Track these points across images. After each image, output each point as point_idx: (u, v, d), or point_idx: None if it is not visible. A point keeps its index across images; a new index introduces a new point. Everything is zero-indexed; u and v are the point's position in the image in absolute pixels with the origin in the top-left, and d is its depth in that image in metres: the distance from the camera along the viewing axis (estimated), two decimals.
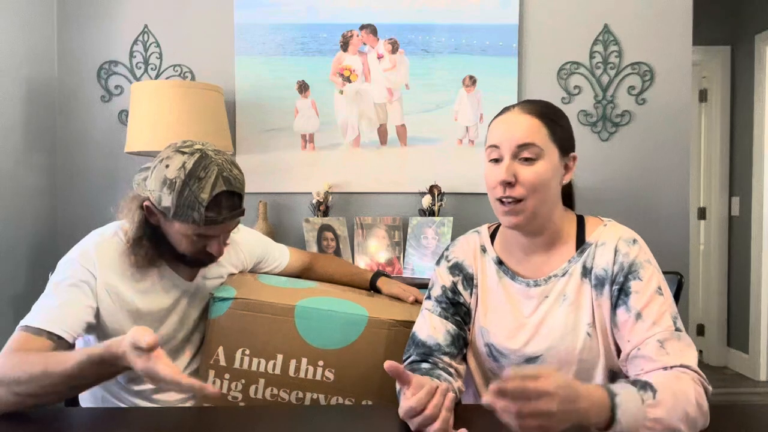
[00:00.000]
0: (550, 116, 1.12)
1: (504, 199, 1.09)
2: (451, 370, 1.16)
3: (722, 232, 4.06)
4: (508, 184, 1.08)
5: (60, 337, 1.14)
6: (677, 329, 1.03)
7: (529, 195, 1.08)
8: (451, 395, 0.95)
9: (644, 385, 0.92)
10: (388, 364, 0.92)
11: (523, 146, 1.08)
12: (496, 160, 1.11)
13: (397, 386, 1.11)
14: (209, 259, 1.30)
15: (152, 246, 1.26)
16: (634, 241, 1.12)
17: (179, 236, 1.23)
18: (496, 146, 1.10)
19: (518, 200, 1.08)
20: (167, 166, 1.20)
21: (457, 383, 1.15)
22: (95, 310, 1.23)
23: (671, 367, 0.99)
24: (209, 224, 1.20)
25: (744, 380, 3.79)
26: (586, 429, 0.87)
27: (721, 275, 4.07)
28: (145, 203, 1.24)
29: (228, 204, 1.21)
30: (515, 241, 1.18)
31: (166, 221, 1.23)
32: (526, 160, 1.08)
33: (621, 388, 0.90)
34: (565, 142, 1.13)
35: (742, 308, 3.90)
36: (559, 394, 0.81)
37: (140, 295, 1.28)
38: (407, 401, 0.92)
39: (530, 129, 1.09)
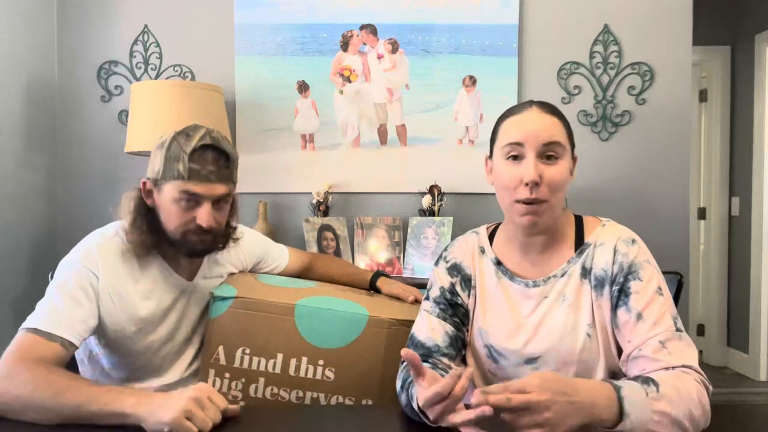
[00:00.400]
0: (563, 116, 1.13)
1: (526, 202, 1.07)
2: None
3: (722, 232, 4.06)
4: (535, 185, 1.06)
5: (71, 343, 1.14)
6: (678, 329, 1.03)
7: (551, 196, 1.07)
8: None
9: (646, 380, 0.93)
10: (405, 351, 0.90)
11: (549, 144, 1.07)
12: (515, 157, 1.09)
13: (398, 386, 1.11)
14: (202, 241, 1.26)
15: (148, 230, 1.26)
16: (633, 241, 1.12)
17: (169, 205, 1.23)
18: (519, 144, 1.08)
19: (540, 201, 1.07)
20: (162, 138, 1.27)
21: None
22: (98, 312, 1.22)
23: (673, 368, 0.99)
24: (193, 178, 1.20)
25: (744, 380, 3.79)
26: (593, 429, 0.86)
27: (721, 275, 4.07)
28: (143, 180, 1.27)
29: (214, 160, 1.22)
30: (515, 241, 1.17)
31: (158, 192, 1.25)
32: (549, 158, 1.08)
33: (624, 383, 0.91)
34: (573, 144, 1.14)
35: (742, 308, 3.90)
36: (547, 398, 0.81)
37: (141, 295, 1.28)
38: (428, 390, 0.88)
39: (554, 127, 1.09)
